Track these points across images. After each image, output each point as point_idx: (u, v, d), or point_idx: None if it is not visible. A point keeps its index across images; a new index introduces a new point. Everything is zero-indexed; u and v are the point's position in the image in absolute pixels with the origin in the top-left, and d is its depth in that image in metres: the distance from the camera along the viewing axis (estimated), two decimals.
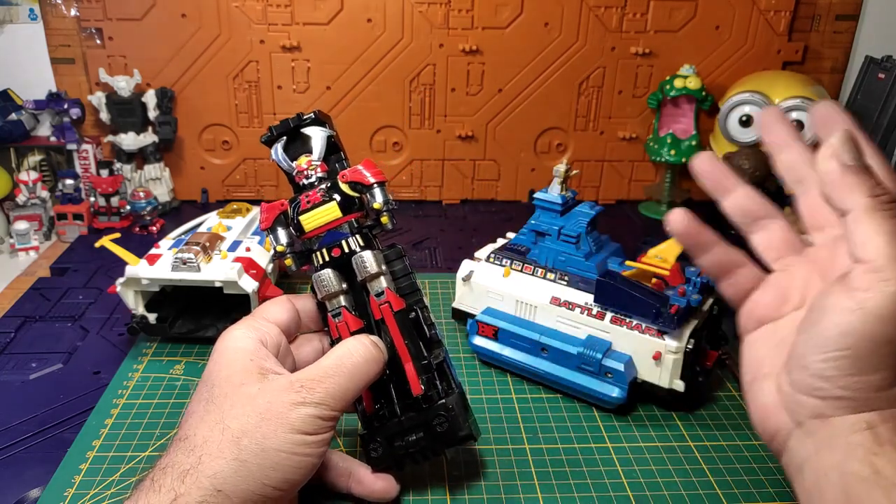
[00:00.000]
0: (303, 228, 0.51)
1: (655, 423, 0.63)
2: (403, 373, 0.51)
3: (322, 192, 0.51)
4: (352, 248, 0.51)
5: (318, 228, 0.51)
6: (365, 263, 0.50)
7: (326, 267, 0.51)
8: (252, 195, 1.13)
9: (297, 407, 0.44)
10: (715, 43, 1.09)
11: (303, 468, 0.44)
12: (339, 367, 0.46)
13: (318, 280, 0.51)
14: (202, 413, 0.44)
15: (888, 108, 0.94)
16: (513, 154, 1.14)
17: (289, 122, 0.53)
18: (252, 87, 1.07)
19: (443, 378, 0.51)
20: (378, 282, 0.51)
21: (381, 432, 0.52)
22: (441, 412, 0.50)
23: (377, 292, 0.50)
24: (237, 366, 0.46)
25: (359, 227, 0.52)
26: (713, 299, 0.66)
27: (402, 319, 0.51)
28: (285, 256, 0.52)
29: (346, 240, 0.51)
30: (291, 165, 0.52)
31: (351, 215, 0.51)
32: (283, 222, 0.53)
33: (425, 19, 1.05)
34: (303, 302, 0.53)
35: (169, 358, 0.71)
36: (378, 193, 0.51)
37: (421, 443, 0.51)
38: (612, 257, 0.70)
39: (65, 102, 1.03)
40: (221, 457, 0.42)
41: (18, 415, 0.62)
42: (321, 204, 0.51)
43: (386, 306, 0.50)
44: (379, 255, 0.51)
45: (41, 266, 0.93)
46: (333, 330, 0.51)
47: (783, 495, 0.55)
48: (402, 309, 0.51)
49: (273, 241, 0.53)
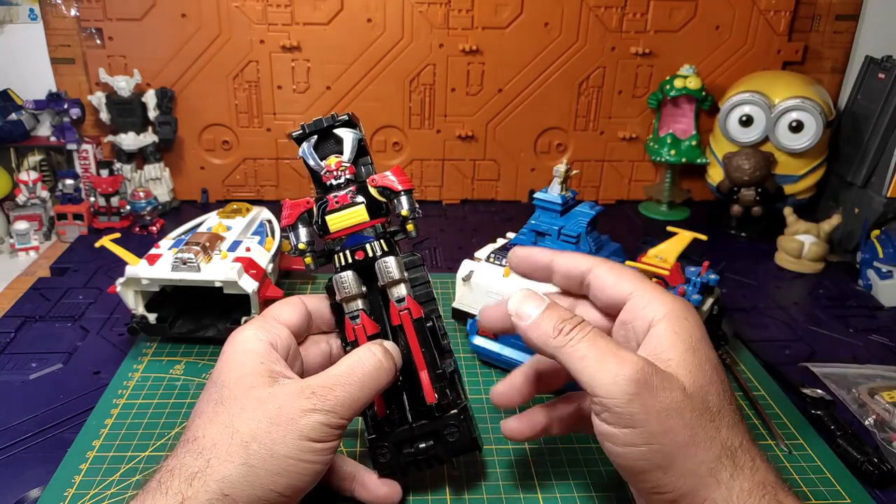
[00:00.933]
0: (328, 228, 0.51)
1: None
2: (417, 380, 0.51)
3: (351, 194, 0.51)
4: (376, 253, 0.51)
5: (343, 230, 0.51)
6: (389, 269, 0.50)
7: (348, 269, 0.51)
8: (252, 195, 1.13)
9: (307, 413, 0.43)
10: (715, 43, 1.09)
11: (309, 475, 0.44)
12: (349, 376, 0.46)
13: (339, 282, 0.51)
14: (211, 414, 0.44)
15: (888, 108, 0.94)
16: (513, 154, 1.14)
17: (322, 122, 0.53)
18: (252, 87, 1.07)
19: (453, 388, 0.52)
20: (399, 288, 0.51)
21: (390, 438, 0.51)
22: (452, 421, 0.51)
23: (398, 298, 0.51)
24: (247, 367, 0.46)
25: (383, 233, 0.52)
26: (713, 299, 0.66)
27: (420, 327, 0.51)
28: (305, 255, 0.52)
29: (371, 244, 0.51)
30: (320, 164, 0.52)
31: (377, 220, 0.51)
32: (305, 220, 0.52)
33: (425, 19, 1.05)
34: (315, 303, 0.53)
35: (169, 358, 0.71)
36: (406, 201, 0.51)
37: (430, 451, 0.51)
38: (612, 257, 0.70)
39: (65, 102, 1.03)
40: (230, 461, 0.42)
41: (18, 415, 0.62)
42: (350, 206, 0.51)
43: (406, 313, 0.50)
44: (401, 261, 0.51)
45: (41, 266, 0.93)
46: (349, 332, 0.51)
47: None
48: (421, 317, 0.51)
49: (293, 238, 0.52)
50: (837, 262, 0.96)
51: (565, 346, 0.43)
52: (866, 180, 0.97)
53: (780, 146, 1.00)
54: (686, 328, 0.44)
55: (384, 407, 0.51)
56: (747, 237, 1.05)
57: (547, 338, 0.44)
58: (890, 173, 0.93)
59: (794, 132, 0.99)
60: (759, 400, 0.66)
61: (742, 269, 0.94)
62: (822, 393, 0.66)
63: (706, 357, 0.43)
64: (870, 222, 0.93)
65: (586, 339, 0.43)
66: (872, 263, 0.89)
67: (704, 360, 0.43)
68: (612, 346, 0.43)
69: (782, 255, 0.96)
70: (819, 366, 0.72)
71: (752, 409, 0.65)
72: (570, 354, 0.43)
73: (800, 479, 0.56)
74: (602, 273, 0.48)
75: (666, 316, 0.44)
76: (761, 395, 0.67)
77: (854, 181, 0.99)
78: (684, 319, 0.44)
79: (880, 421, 0.62)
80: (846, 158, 1.01)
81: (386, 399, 0.51)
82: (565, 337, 0.43)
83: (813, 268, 0.94)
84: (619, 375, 0.41)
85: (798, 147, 0.99)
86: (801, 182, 1.02)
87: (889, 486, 0.56)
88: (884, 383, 0.68)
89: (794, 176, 1.02)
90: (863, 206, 0.97)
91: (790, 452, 0.59)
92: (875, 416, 0.63)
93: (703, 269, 0.64)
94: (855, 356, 0.74)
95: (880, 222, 0.94)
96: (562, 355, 0.44)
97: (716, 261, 0.92)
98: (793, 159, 1.01)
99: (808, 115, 0.97)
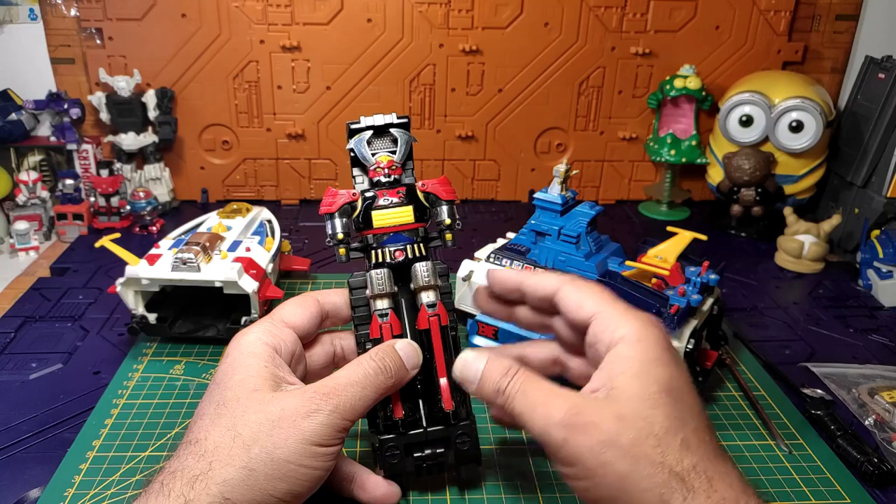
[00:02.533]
0: (371, 223, 0.52)
1: None
2: (435, 386, 0.51)
3: (401, 194, 0.52)
4: (416, 255, 0.51)
5: (387, 227, 0.52)
6: (426, 273, 0.51)
7: (383, 267, 0.51)
8: (252, 195, 1.13)
9: (309, 416, 0.44)
10: (715, 43, 1.09)
11: (309, 481, 0.44)
12: (354, 377, 0.47)
13: (375, 278, 0.51)
14: (213, 416, 0.44)
15: (888, 108, 0.94)
16: (513, 154, 1.14)
17: (382, 118, 0.54)
18: (252, 87, 1.07)
19: (464, 399, 0.52)
20: (431, 293, 0.51)
21: (403, 440, 0.52)
22: (464, 431, 0.52)
23: (429, 304, 0.51)
24: (251, 370, 0.46)
25: (422, 237, 0.52)
26: (713, 299, 0.66)
27: (445, 334, 0.51)
28: (340, 246, 0.52)
29: (412, 245, 0.52)
30: (371, 159, 0.53)
31: (420, 224, 0.52)
32: (346, 212, 0.53)
33: (425, 19, 1.05)
34: (333, 298, 0.53)
35: (169, 358, 0.71)
36: (449, 210, 0.53)
37: (440, 457, 0.52)
38: (612, 257, 0.70)
39: (65, 102, 1.03)
40: (231, 464, 0.42)
41: (18, 415, 0.62)
42: (398, 206, 0.52)
43: (435, 318, 0.51)
44: (436, 267, 0.52)
45: (41, 266, 0.93)
46: (375, 330, 0.51)
47: (783, 495, 0.55)
48: (447, 325, 0.51)
49: (330, 227, 0.52)
50: (837, 262, 0.96)
51: (506, 403, 0.46)
52: (866, 180, 0.97)
53: (780, 146, 1.00)
54: (639, 350, 0.44)
55: (402, 408, 0.51)
56: (747, 237, 1.05)
57: (492, 399, 0.47)
58: (890, 173, 0.93)
59: (794, 132, 0.99)
60: (759, 400, 0.66)
61: (742, 269, 0.94)
62: (822, 393, 0.66)
63: (655, 378, 0.43)
64: (870, 222, 0.93)
65: (519, 393, 0.45)
66: (872, 263, 0.89)
67: (651, 381, 0.43)
68: (541, 394, 0.44)
69: (782, 255, 0.96)
70: (819, 366, 0.72)
71: (752, 409, 0.65)
72: (511, 410, 0.45)
73: (800, 479, 0.56)
74: (567, 293, 0.49)
75: (622, 339, 0.45)
76: (761, 395, 0.67)
77: (854, 181, 0.99)
78: (638, 342, 0.44)
79: (880, 421, 0.62)
80: (846, 158, 1.01)
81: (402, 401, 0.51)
82: (504, 396, 0.46)
83: (813, 268, 0.94)
84: (549, 424, 0.43)
85: (798, 147, 0.99)
86: (801, 182, 1.02)
87: (889, 486, 0.56)
88: (884, 383, 0.68)
89: (794, 176, 1.02)
90: (863, 206, 0.97)
91: (790, 452, 0.59)
92: (875, 416, 0.63)
93: (703, 269, 0.64)
94: (855, 356, 0.74)
95: (880, 222, 0.94)
96: (507, 411, 0.46)
97: (716, 261, 0.92)
98: (793, 159, 1.01)
99: (808, 115, 0.97)
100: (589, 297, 0.48)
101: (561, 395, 0.44)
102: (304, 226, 1.06)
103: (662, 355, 0.44)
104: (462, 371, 0.49)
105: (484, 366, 0.47)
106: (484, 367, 0.47)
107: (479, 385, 0.47)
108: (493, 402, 0.47)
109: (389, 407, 0.51)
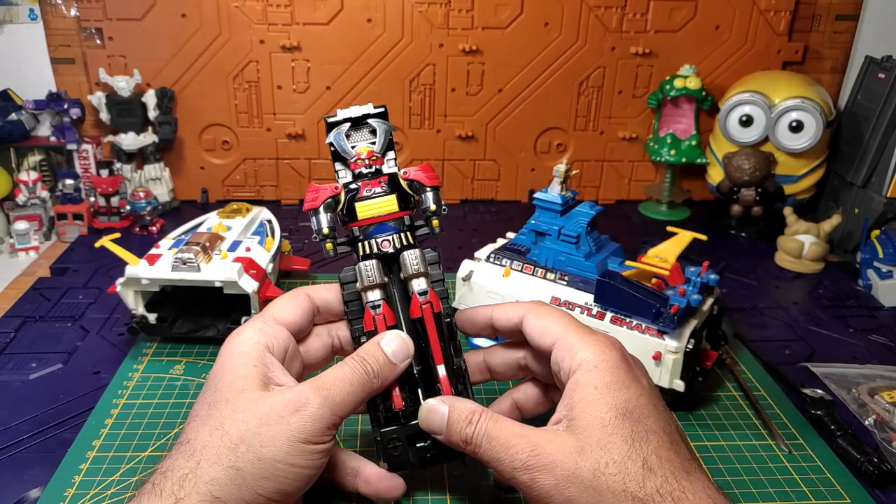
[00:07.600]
0: (355, 215, 0.52)
1: None
2: (433, 374, 0.51)
3: (383, 184, 0.52)
4: (403, 244, 0.51)
5: (371, 218, 0.52)
6: (415, 261, 0.51)
7: (371, 258, 0.51)
8: (252, 195, 1.13)
9: (298, 411, 0.44)
10: (715, 43, 1.09)
11: (298, 480, 0.44)
12: (338, 377, 0.46)
13: (364, 270, 0.51)
14: (204, 416, 0.45)
15: (888, 108, 0.94)
16: (513, 154, 1.14)
17: (359, 109, 0.53)
18: (252, 87, 1.07)
19: (465, 386, 0.52)
20: (421, 281, 0.51)
21: (405, 431, 0.51)
22: None
23: (420, 291, 0.51)
24: (240, 370, 0.46)
25: (408, 226, 0.52)
26: (713, 299, 0.66)
27: (439, 321, 0.51)
28: (327, 240, 0.52)
29: (399, 234, 0.51)
30: (351, 152, 0.53)
31: (406, 212, 0.52)
32: (330, 206, 0.52)
33: (425, 19, 1.05)
34: (325, 294, 0.53)
35: (169, 358, 0.71)
36: (434, 197, 0.53)
37: (443, 445, 0.51)
38: (612, 257, 0.70)
39: (65, 102, 1.03)
40: (219, 463, 0.42)
41: (18, 415, 0.62)
42: (380, 195, 0.52)
43: (427, 306, 0.51)
44: (424, 254, 0.52)
45: (41, 266, 0.93)
46: (369, 322, 0.51)
47: (783, 495, 0.55)
48: (440, 311, 0.51)
49: (315, 223, 0.52)
50: (837, 262, 0.96)
51: (474, 453, 0.46)
52: (866, 180, 0.97)
53: (780, 146, 1.00)
54: (594, 376, 0.44)
55: (402, 399, 0.51)
56: (747, 237, 1.05)
57: (461, 449, 0.47)
58: (890, 173, 0.93)
59: (794, 132, 0.99)
60: (759, 400, 0.66)
61: (742, 269, 0.94)
62: (822, 393, 0.66)
63: (612, 403, 0.43)
64: (870, 222, 0.93)
65: (484, 440, 0.45)
66: (872, 263, 0.89)
67: (608, 407, 0.43)
68: (503, 437, 0.44)
69: (782, 255, 0.96)
70: (819, 366, 0.72)
71: (752, 409, 0.65)
72: (480, 459, 0.46)
73: (800, 479, 0.56)
74: (530, 322, 0.50)
75: (580, 365, 0.45)
76: (761, 395, 0.67)
77: (854, 181, 0.99)
78: (594, 368, 0.45)
79: (880, 421, 0.62)
80: (846, 158, 1.01)
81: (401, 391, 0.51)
82: (472, 445, 0.46)
83: (813, 268, 0.94)
84: (514, 469, 0.43)
85: (798, 147, 0.99)
86: (801, 182, 1.02)
87: (889, 486, 0.56)
88: (884, 383, 0.68)
89: (794, 176, 1.02)
90: (863, 206, 0.97)
91: (790, 452, 0.59)
92: (875, 416, 0.63)
93: (703, 269, 0.64)
94: (855, 356, 0.74)
95: (880, 222, 0.94)
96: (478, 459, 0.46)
97: (716, 261, 0.92)
98: (793, 159, 1.01)
99: (808, 115, 0.97)
100: (550, 324, 0.48)
101: (522, 437, 0.44)
102: (304, 226, 1.06)
103: (620, 377, 0.44)
104: (427, 421, 0.48)
105: (447, 415, 0.47)
106: (448, 418, 0.47)
107: (446, 437, 0.47)
108: (462, 451, 0.47)
109: (389, 399, 0.51)
